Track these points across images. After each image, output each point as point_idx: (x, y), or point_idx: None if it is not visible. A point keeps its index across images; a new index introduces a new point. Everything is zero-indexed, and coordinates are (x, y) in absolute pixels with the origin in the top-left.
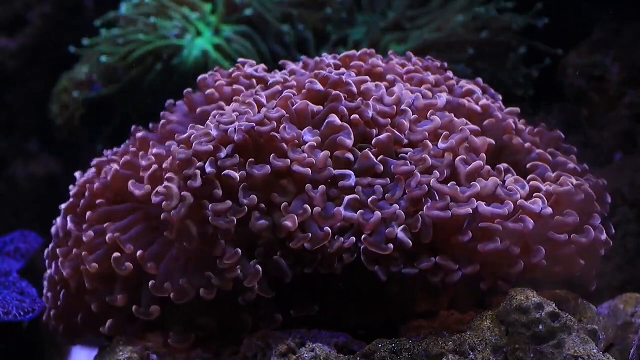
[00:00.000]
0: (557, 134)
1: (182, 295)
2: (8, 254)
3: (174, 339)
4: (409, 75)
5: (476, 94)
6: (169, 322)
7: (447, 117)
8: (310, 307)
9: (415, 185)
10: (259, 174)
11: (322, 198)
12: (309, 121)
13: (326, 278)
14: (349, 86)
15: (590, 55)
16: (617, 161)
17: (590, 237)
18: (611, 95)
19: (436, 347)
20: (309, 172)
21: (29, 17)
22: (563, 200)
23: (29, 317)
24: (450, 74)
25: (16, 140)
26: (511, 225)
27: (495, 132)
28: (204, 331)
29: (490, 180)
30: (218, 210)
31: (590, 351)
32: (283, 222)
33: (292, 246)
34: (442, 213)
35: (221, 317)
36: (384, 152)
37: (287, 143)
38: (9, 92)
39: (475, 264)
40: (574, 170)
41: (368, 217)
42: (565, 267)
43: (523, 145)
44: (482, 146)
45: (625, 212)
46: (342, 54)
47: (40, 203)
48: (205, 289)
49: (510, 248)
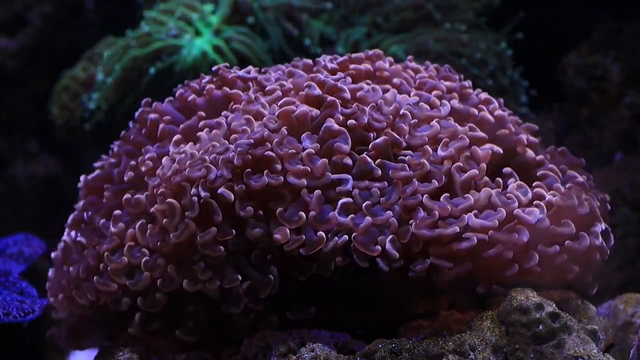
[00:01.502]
0: (579, 160)
1: (169, 283)
2: (11, 256)
3: (180, 332)
4: (421, 81)
5: (493, 104)
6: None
7: (449, 124)
8: (307, 310)
9: (410, 193)
10: (255, 185)
11: (318, 202)
12: (308, 126)
13: (324, 279)
14: (343, 92)
15: (590, 55)
16: (617, 161)
17: (585, 244)
18: (611, 95)
19: (436, 347)
20: (304, 183)
21: (29, 17)
22: (564, 213)
23: (29, 318)
24: (467, 83)
25: (16, 140)
26: (503, 235)
27: (506, 143)
28: (193, 319)
29: (483, 191)
30: (206, 241)
31: (590, 351)
32: (274, 235)
33: (286, 249)
34: (429, 232)
35: (214, 316)
36: (381, 155)
37: (282, 159)
38: (9, 92)
39: (466, 263)
40: (582, 184)
41: (358, 221)
42: (558, 274)
43: (534, 159)
44: (484, 157)
45: (626, 212)
46: (348, 56)
47: (40, 203)
48: (189, 281)
49: (503, 253)
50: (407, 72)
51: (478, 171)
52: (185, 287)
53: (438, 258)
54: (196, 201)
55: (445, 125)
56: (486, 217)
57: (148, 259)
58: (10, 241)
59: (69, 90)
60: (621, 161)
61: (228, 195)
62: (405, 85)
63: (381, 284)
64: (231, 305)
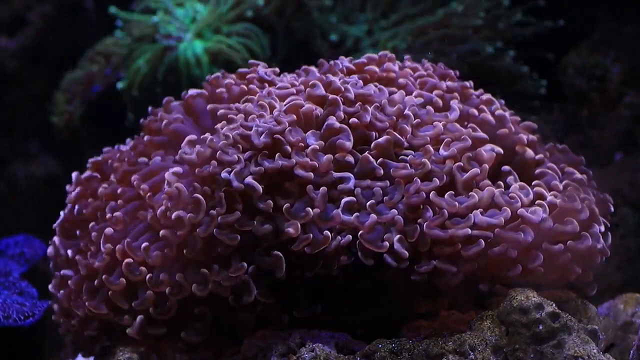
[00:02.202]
0: (579, 158)
1: (178, 290)
2: (12, 257)
3: (186, 334)
4: (421, 80)
5: (495, 104)
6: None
7: (454, 128)
8: (312, 307)
9: (413, 191)
10: (269, 167)
11: (323, 199)
12: (313, 124)
13: (326, 278)
14: (347, 92)
15: (590, 55)
16: (617, 161)
17: (587, 244)
18: (611, 95)
19: (436, 347)
20: (312, 176)
21: (29, 17)
22: (566, 213)
23: (29, 321)
24: (468, 83)
25: (16, 140)
26: (508, 234)
27: (506, 143)
28: (201, 322)
29: (486, 190)
30: (228, 222)
31: (590, 351)
32: (286, 229)
33: (294, 248)
34: (441, 233)
35: (219, 315)
36: (383, 154)
37: (291, 146)
38: (9, 92)
39: (472, 263)
40: (580, 181)
41: (364, 219)
42: (561, 274)
43: (534, 158)
44: (488, 159)
45: (626, 212)
46: (362, 58)
47: (40, 203)
48: (199, 285)
49: (508, 251)
50: (407, 71)
51: (480, 171)
52: (195, 292)
53: (444, 261)
54: (222, 196)
55: (451, 129)
56: (492, 215)
57: (151, 275)
58: (11, 242)
59: (70, 91)
60: (621, 161)
61: (257, 187)
62: (410, 86)
63: (383, 283)
64: (244, 294)
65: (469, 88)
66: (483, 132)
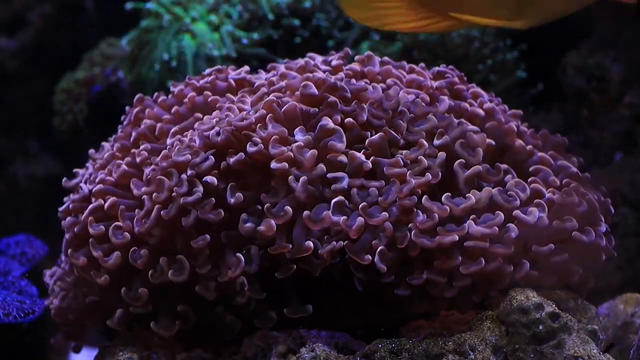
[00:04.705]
0: (560, 138)
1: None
2: (13, 256)
3: (157, 325)
4: (409, 77)
5: (481, 98)
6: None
7: (444, 117)
8: (302, 308)
9: (407, 192)
10: (233, 161)
11: (304, 189)
12: (299, 122)
13: (323, 278)
14: (344, 91)
15: (590, 55)
16: (617, 161)
17: (591, 237)
18: (611, 95)
19: (436, 347)
20: (286, 166)
21: (29, 17)
22: (565, 211)
23: (29, 318)
24: (456, 79)
25: (16, 140)
26: (499, 249)
27: (497, 134)
28: (184, 321)
29: (484, 191)
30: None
31: (590, 351)
32: (258, 227)
33: (271, 252)
34: (428, 242)
35: (203, 314)
36: (378, 153)
37: (265, 142)
38: (9, 92)
39: (466, 278)
40: (576, 175)
41: (351, 222)
42: (561, 276)
43: (525, 148)
44: (480, 141)
45: (625, 212)
46: (338, 56)
47: (40, 203)
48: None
49: (503, 267)
50: (398, 71)
51: (475, 155)
52: (171, 278)
53: (436, 273)
54: (185, 179)
55: (441, 118)
56: (485, 221)
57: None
58: (12, 242)
59: (70, 92)
60: (621, 161)
61: (211, 181)
62: (398, 84)
63: (380, 285)
64: (236, 296)
65: (458, 84)
66: (475, 126)
